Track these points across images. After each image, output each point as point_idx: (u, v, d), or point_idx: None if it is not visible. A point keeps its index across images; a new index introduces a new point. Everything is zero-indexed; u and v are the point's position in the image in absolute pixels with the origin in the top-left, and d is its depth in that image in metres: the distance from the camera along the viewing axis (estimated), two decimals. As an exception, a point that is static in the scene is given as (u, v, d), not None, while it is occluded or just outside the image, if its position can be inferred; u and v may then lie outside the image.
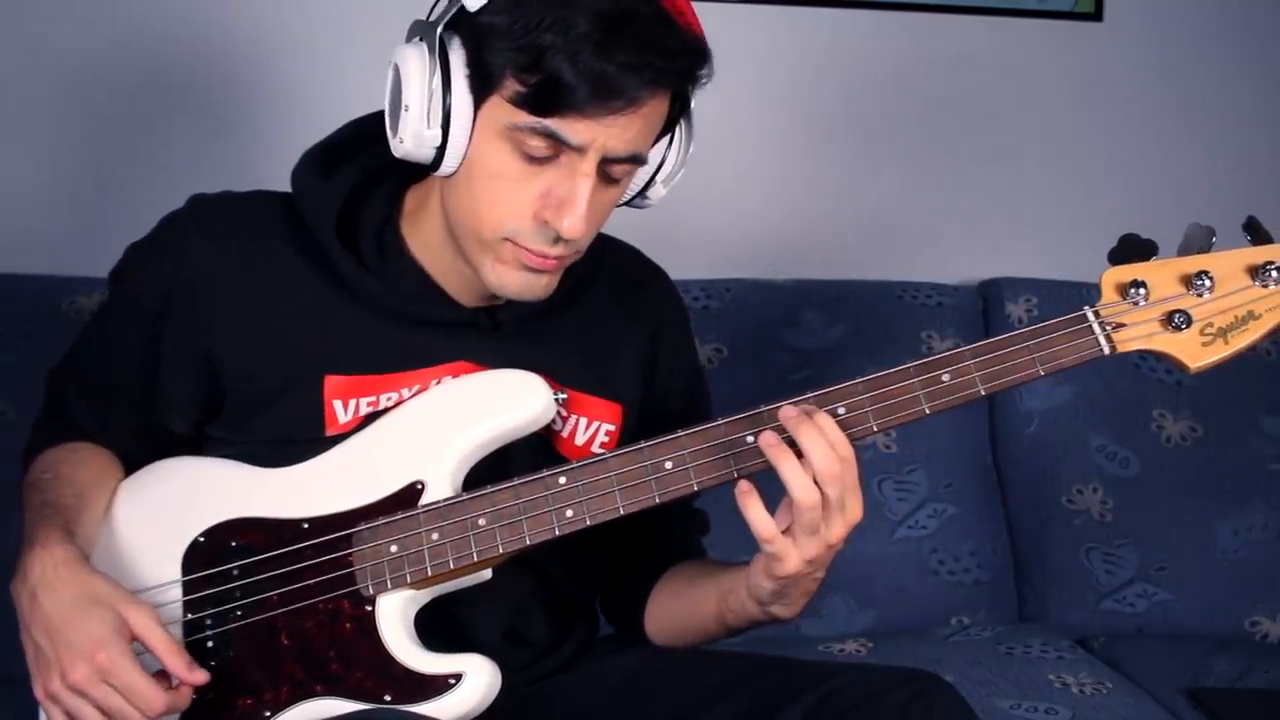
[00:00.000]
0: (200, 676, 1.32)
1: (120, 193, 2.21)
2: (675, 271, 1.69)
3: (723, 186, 2.40)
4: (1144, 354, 1.39)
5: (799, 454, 1.30)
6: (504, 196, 1.34)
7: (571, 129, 1.29)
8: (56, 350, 1.62)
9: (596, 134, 1.30)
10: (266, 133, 2.24)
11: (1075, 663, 2.07)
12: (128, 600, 1.31)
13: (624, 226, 1.62)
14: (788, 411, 1.33)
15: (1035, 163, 2.51)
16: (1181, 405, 2.30)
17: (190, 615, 1.39)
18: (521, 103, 1.29)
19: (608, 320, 1.56)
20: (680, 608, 1.57)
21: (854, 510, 1.34)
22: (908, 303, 2.31)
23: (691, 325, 1.71)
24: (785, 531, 1.33)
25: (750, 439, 1.35)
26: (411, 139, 1.34)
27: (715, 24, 1.44)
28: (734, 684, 1.46)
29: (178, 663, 1.31)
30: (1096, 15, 2.49)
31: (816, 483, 1.30)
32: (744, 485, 1.32)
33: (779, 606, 1.44)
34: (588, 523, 1.37)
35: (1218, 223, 1.41)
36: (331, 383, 1.43)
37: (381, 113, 1.40)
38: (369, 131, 1.47)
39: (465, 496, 1.37)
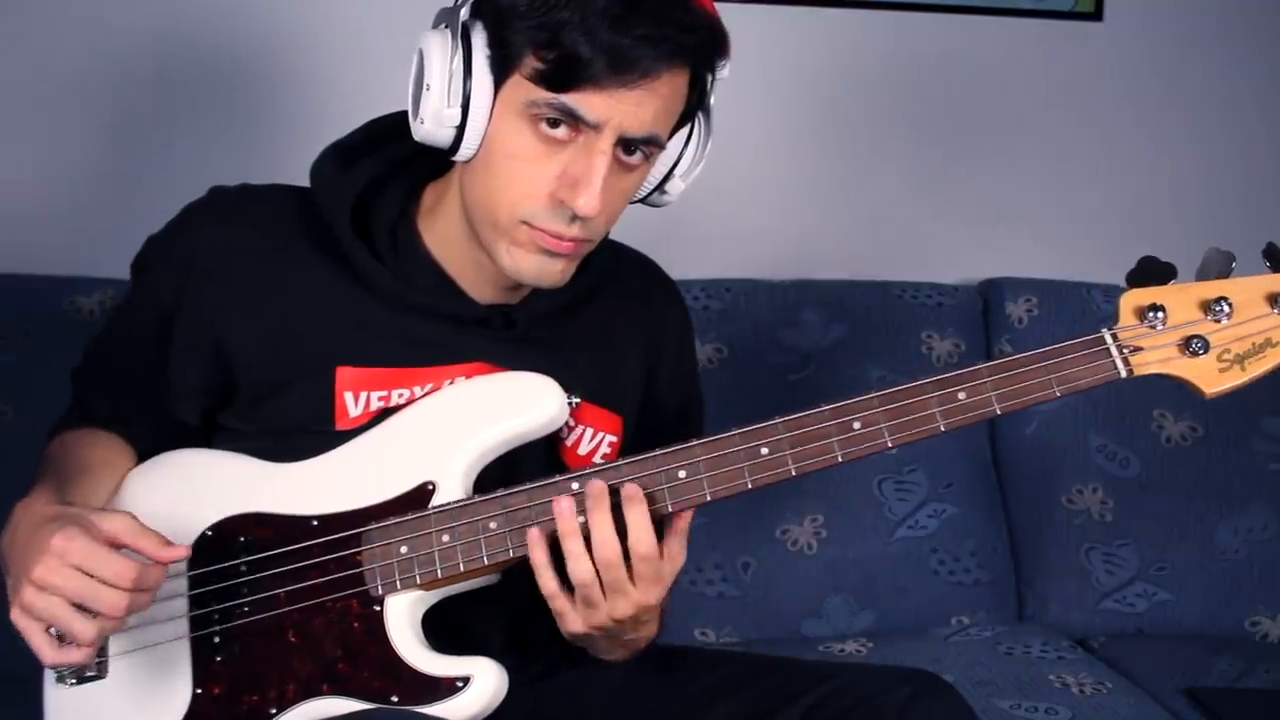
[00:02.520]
0: (180, 551, 1.29)
1: (121, 193, 2.21)
2: (675, 271, 1.69)
3: (723, 187, 2.39)
4: (1162, 378, 1.39)
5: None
6: (521, 177, 1.35)
7: (588, 104, 1.30)
8: (57, 350, 1.62)
9: (613, 111, 1.31)
10: (272, 134, 2.23)
11: (1075, 663, 2.08)
12: (100, 512, 1.28)
13: (626, 225, 1.63)
14: (594, 485, 1.33)
15: (1035, 163, 2.51)
16: (1181, 405, 2.30)
17: (197, 610, 1.39)
18: (540, 80, 1.30)
19: (615, 329, 1.57)
20: None
21: (639, 597, 1.33)
22: (907, 303, 2.32)
23: (692, 326, 1.71)
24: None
25: (764, 451, 1.35)
26: (432, 119, 1.35)
27: (718, 22, 1.45)
28: (734, 684, 1.47)
29: (150, 542, 1.28)
30: (1096, 15, 2.49)
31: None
32: (534, 534, 1.33)
33: (594, 651, 1.45)
34: None
35: (1218, 223, 1.42)
36: (344, 374, 1.43)
37: (401, 113, 1.42)
38: (388, 131, 1.49)
39: (477, 499, 1.37)
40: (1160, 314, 1.36)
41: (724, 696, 1.45)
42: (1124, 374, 1.36)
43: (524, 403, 1.41)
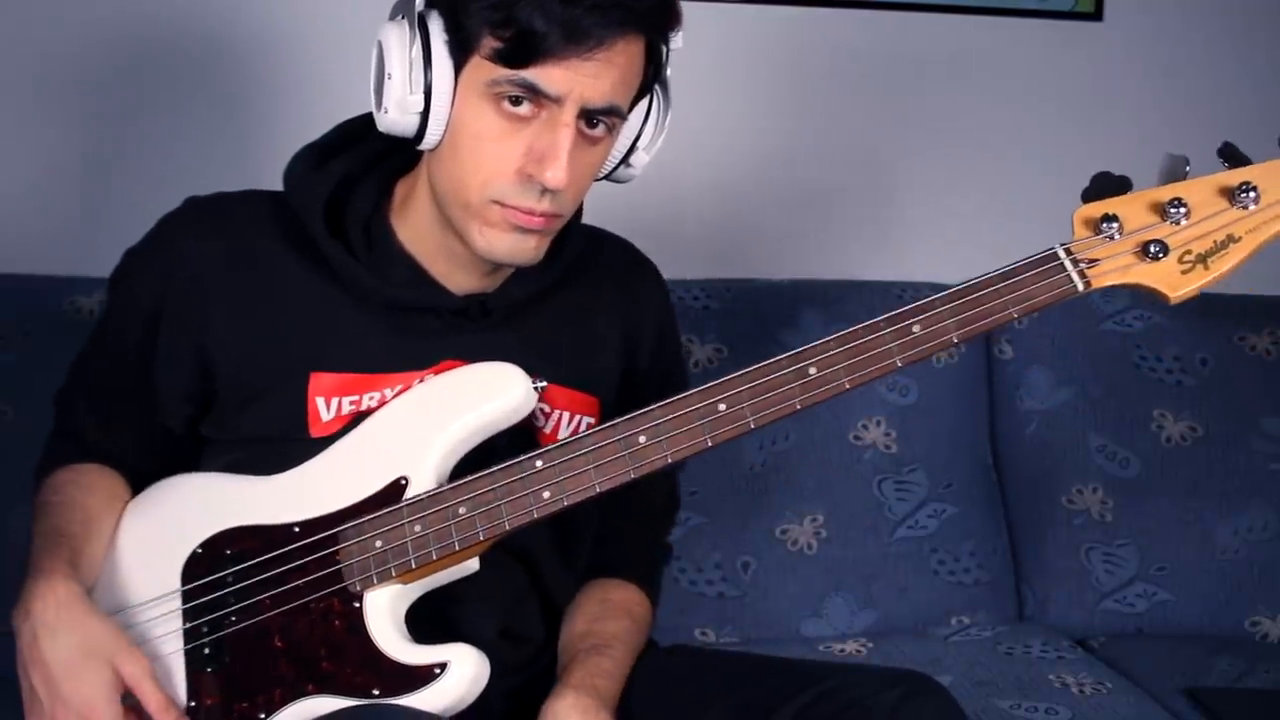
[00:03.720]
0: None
1: (120, 193, 2.22)
2: (675, 271, 1.69)
3: (722, 186, 2.40)
4: (1122, 288, 1.37)
5: None
6: (488, 157, 1.36)
7: (548, 77, 1.32)
8: (57, 350, 1.62)
9: (573, 83, 1.33)
10: (269, 132, 2.24)
11: (1075, 663, 2.07)
12: (122, 652, 1.33)
13: (626, 226, 1.63)
14: None
15: (1035, 163, 2.51)
16: (1181, 405, 2.29)
17: (188, 624, 1.41)
18: (498, 58, 1.32)
19: (593, 312, 1.58)
20: (566, 631, 1.59)
21: None
22: (907, 303, 2.29)
23: (692, 325, 1.71)
24: None
25: (722, 406, 1.35)
26: (396, 107, 1.37)
27: (717, 24, 1.45)
28: (730, 684, 1.48)
29: (154, 701, 1.33)
30: (1096, 15, 2.49)
31: None
32: None
33: None
34: (565, 503, 1.37)
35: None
36: (316, 380, 1.45)
37: (371, 114, 1.42)
38: (360, 130, 1.50)
39: (446, 488, 1.38)
40: (1114, 224, 1.33)
41: (720, 697, 1.46)
42: (1081, 288, 1.34)
43: (490, 392, 1.42)
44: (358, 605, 1.37)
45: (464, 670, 1.34)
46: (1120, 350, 2.31)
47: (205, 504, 1.45)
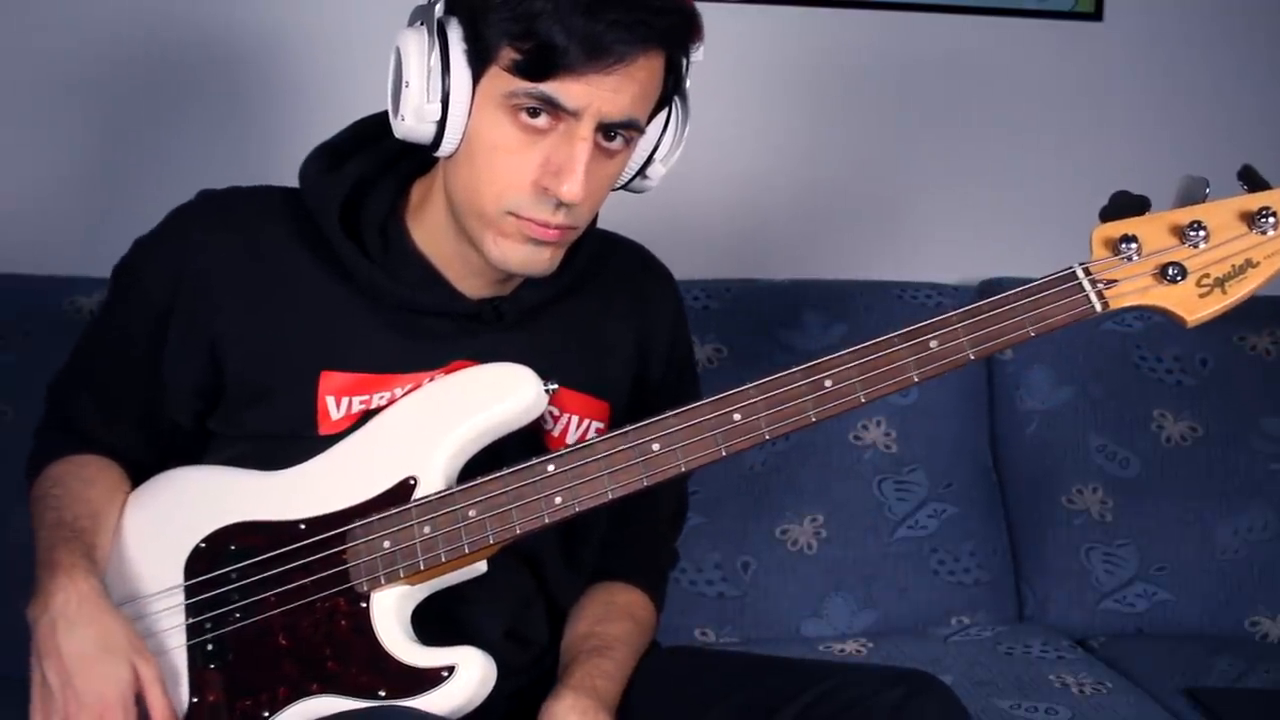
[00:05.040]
0: None
1: (121, 193, 2.21)
2: (675, 271, 1.69)
3: (723, 186, 2.40)
4: (1140, 309, 1.37)
5: None
6: (504, 168, 1.36)
7: (567, 92, 1.31)
8: (57, 350, 1.62)
9: (591, 97, 1.32)
10: (270, 133, 2.24)
11: (1075, 663, 2.07)
12: (139, 654, 1.33)
13: (626, 225, 1.63)
14: None
15: (1035, 163, 2.51)
16: (1181, 405, 2.29)
17: (191, 619, 1.40)
18: (517, 70, 1.32)
19: (606, 317, 1.57)
20: (569, 632, 1.58)
21: None
22: (907, 303, 2.31)
23: (692, 325, 1.71)
24: None
25: (737, 416, 1.35)
26: (413, 114, 1.36)
27: (719, 23, 1.45)
28: (732, 684, 1.47)
29: (158, 707, 1.33)
30: (1096, 15, 2.49)
31: None
32: None
33: None
34: (576, 509, 1.37)
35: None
36: (327, 379, 1.44)
37: (386, 113, 1.42)
38: (374, 130, 1.49)
39: (456, 489, 1.38)
40: (1133, 245, 1.33)
41: (721, 697, 1.45)
42: (1099, 308, 1.34)
43: (500, 392, 1.42)
44: (364, 605, 1.37)
45: (472, 674, 1.34)
46: (1120, 350, 2.31)
47: (209, 498, 1.45)
